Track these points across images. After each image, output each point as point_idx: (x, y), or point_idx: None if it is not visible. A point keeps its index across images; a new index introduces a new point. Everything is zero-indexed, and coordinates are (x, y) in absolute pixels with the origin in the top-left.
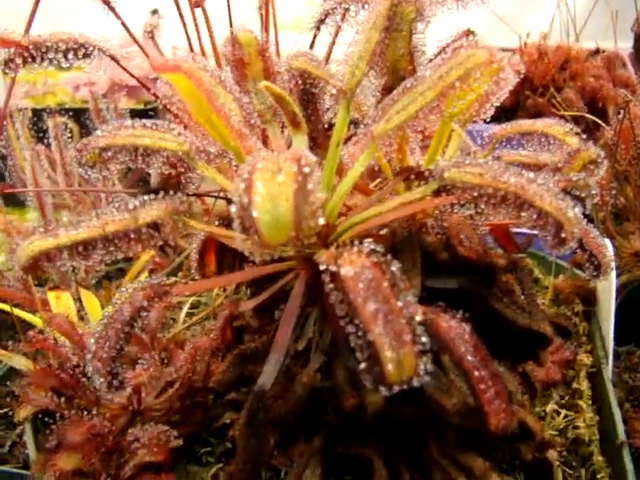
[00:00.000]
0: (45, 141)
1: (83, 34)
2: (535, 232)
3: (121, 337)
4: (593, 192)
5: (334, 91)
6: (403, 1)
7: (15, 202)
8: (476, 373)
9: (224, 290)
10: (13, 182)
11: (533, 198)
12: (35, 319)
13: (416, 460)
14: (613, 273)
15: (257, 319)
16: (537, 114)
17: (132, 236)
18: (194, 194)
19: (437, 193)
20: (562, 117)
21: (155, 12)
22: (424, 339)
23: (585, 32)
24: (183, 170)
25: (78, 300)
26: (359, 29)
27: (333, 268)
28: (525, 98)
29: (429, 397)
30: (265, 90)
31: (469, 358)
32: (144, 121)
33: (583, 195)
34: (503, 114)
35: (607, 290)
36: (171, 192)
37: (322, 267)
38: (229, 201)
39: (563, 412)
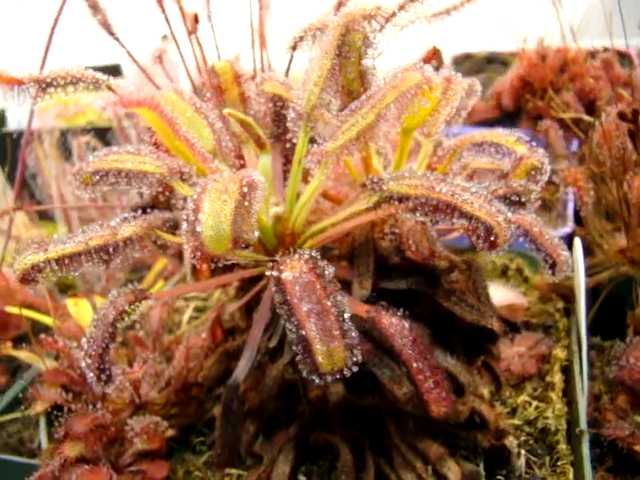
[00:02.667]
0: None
1: (81, 68)
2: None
3: (106, 337)
4: (533, 197)
5: (292, 114)
6: (351, 30)
7: (48, 217)
8: (415, 364)
9: (226, 293)
10: (43, 198)
11: (463, 205)
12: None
13: (379, 446)
14: (580, 271)
15: (245, 320)
16: (538, 117)
17: (111, 250)
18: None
19: (378, 204)
20: (561, 119)
21: (165, 37)
22: (353, 334)
23: (591, 30)
24: (169, 189)
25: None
26: (314, 57)
27: (275, 273)
28: (526, 101)
29: (384, 387)
30: (231, 115)
31: (408, 351)
32: (129, 147)
33: (523, 200)
34: (506, 117)
35: (579, 288)
36: (158, 209)
37: (267, 272)
38: None
39: (535, 403)
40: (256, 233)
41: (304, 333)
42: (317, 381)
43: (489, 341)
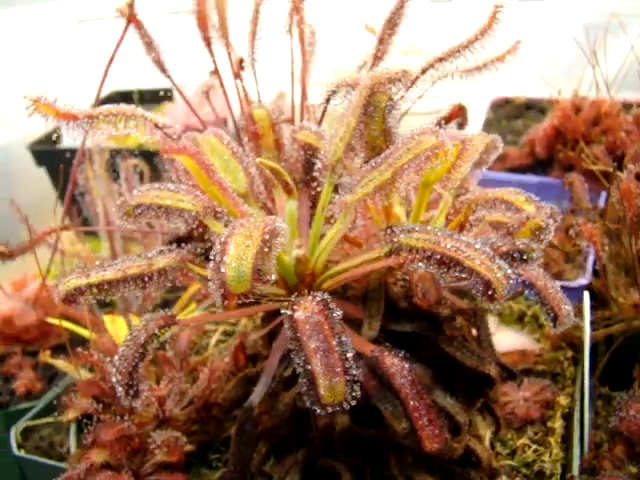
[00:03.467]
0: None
1: (132, 108)
2: None
3: (136, 357)
4: (535, 255)
5: (319, 165)
6: (377, 92)
7: (94, 233)
8: (411, 402)
9: (253, 321)
10: (90, 215)
11: (465, 260)
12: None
13: (380, 475)
14: (587, 323)
15: (266, 348)
16: (569, 166)
17: (146, 279)
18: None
19: (389, 254)
20: (591, 171)
21: (213, 73)
22: (354, 372)
23: (630, 83)
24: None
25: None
26: (343, 113)
27: (289, 312)
28: (558, 151)
29: (386, 421)
30: (262, 163)
31: (406, 390)
32: (169, 185)
33: (525, 257)
34: (538, 165)
35: (585, 339)
36: (193, 242)
37: (282, 311)
38: None
39: (534, 447)
40: (273, 276)
41: (310, 367)
42: (319, 411)
43: (487, 385)
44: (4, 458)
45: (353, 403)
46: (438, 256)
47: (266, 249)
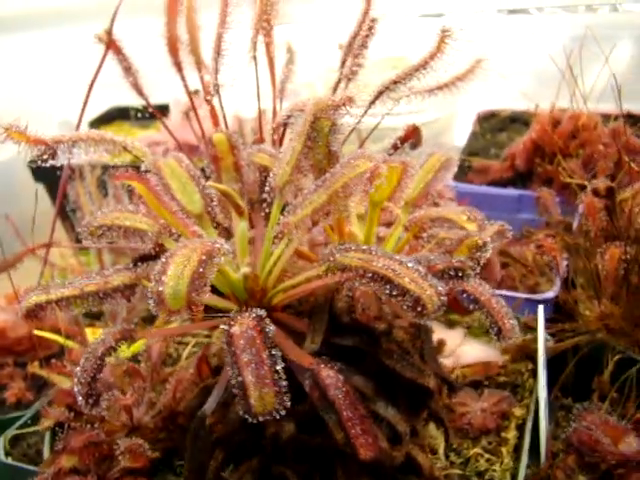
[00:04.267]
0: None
1: (102, 133)
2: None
3: (95, 368)
4: (470, 272)
5: (268, 188)
6: (321, 117)
7: (86, 247)
8: (345, 413)
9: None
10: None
11: (395, 278)
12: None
13: None
14: (540, 336)
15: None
16: (548, 180)
17: (102, 295)
18: None
19: (327, 272)
20: (569, 184)
21: (194, 93)
22: (283, 383)
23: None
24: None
25: None
26: (290, 138)
27: (226, 327)
28: (537, 165)
29: (329, 430)
30: (212, 188)
31: (340, 401)
32: (129, 206)
33: (461, 275)
34: (519, 178)
35: (540, 351)
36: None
37: (221, 326)
38: None
39: (487, 456)
40: (206, 294)
41: (242, 379)
42: (250, 420)
43: (427, 397)
44: None
45: (282, 412)
46: (370, 274)
47: (201, 269)
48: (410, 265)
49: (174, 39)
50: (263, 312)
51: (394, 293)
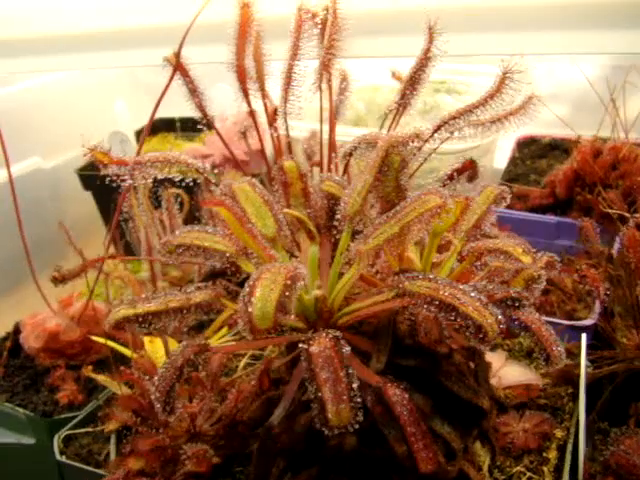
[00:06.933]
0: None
1: (177, 156)
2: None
3: (174, 378)
4: (525, 303)
5: (339, 215)
6: (392, 153)
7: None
8: (409, 429)
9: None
10: (132, 240)
11: (460, 306)
12: (135, 355)
13: None
14: (582, 363)
15: (287, 373)
16: (588, 208)
17: (185, 311)
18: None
19: (395, 298)
20: (608, 214)
21: (251, 113)
22: (358, 399)
23: None
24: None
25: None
26: (361, 171)
27: (305, 346)
28: (577, 193)
29: (390, 444)
30: (287, 214)
31: (405, 417)
32: (207, 227)
33: (517, 304)
34: (558, 205)
35: (581, 377)
36: (227, 276)
37: (300, 345)
38: None
39: (528, 474)
40: (292, 315)
41: (320, 395)
42: (327, 432)
43: (480, 416)
44: (46, 463)
45: (357, 426)
46: (437, 302)
47: (287, 293)
48: (473, 294)
49: (242, 68)
50: (339, 333)
51: (458, 320)
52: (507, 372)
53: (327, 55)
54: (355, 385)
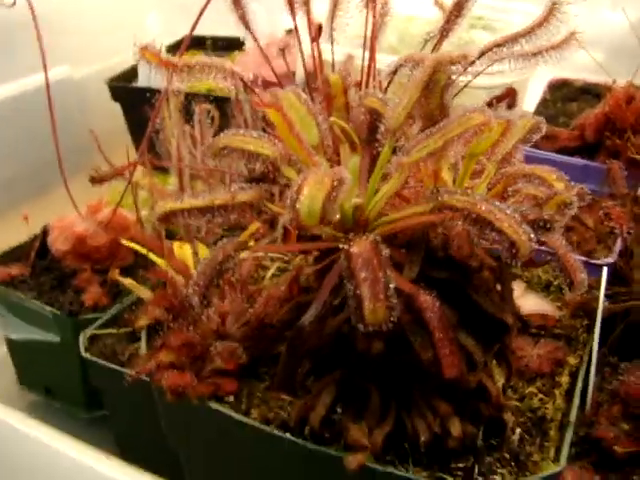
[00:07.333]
0: (191, 122)
1: (221, 61)
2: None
3: (213, 273)
4: (556, 225)
5: (382, 129)
6: (439, 71)
7: (161, 168)
8: (437, 334)
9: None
10: (162, 152)
11: (495, 221)
12: (162, 262)
13: (403, 398)
14: (601, 297)
15: (317, 282)
16: (615, 153)
17: (229, 209)
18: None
19: (433, 210)
20: (635, 160)
21: (290, 31)
22: (394, 300)
23: None
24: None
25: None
26: (406, 86)
27: (347, 247)
28: (606, 137)
29: (415, 350)
30: (334, 124)
31: (434, 323)
32: (252, 132)
33: (549, 227)
34: (586, 149)
35: (598, 311)
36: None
37: (341, 246)
38: None
39: (540, 396)
40: (337, 215)
41: (359, 292)
42: (362, 329)
43: (503, 332)
44: (70, 361)
45: (390, 326)
46: (474, 216)
47: (333, 194)
48: (508, 212)
49: None
50: (379, 237)
51: (493, 235)
52: (525, 301)
53: None
54: (392, 286)
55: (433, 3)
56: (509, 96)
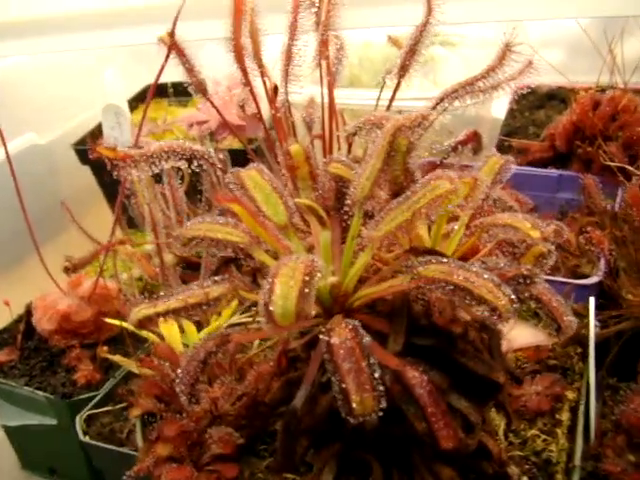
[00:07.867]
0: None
1: (182, 144)
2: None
3: (197, 370)
4: (537, 279)
5: (349, 200)
6: (399, 137)
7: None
8: (429, 409)
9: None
10: (135, 215)
11: (474, 289)
12: (150, 335)
13: (404, 465)
14: (591, 324)
15: (305, 352)
16: (588, 161)
17: (204, 306)
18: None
19: (412, 281)
20: (609, 166)
21: (244, 85)
22: (381, 388)
23: None
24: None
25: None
26: (368, 154)
27: (326, 338)
28: (577, 146)
29: (409, 420)
30: (299, 203)
31: (424, 399)
32: (218, 218)
33: (528, 281)
34: (558, 159)
35: (590, 339)
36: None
37: (320, 336)
38: None
39: (543, 437)
40: (312, 311)
41: (344, 386)
42: (352, 421)
43: (496, 390)
44: (71, 444)
45: (380, 414)
46: (452, 286)
47: (306, 290)
48: (486, 276)
49: (239, 46)
50: (357, 322)
51: (472, 302)
52: (517, 334)
53: (324, 32)
54: (377, 374)
55: (387, 40)
56: (473, 139)
